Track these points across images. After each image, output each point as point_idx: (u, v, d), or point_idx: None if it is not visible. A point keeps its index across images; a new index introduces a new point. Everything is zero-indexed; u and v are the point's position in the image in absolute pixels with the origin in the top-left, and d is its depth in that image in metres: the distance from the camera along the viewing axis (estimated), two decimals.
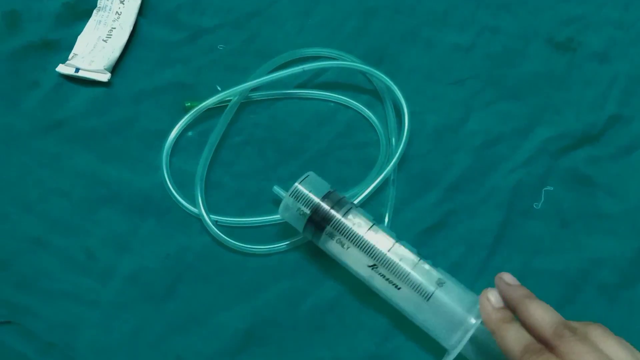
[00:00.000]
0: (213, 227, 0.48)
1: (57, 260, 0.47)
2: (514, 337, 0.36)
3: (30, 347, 0.44)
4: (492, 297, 0.39)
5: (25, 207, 0.50)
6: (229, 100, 0.54)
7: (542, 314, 0.36)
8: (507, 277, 0.39)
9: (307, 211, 0.44)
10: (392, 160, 0.50)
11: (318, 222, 0.44)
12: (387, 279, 0.42)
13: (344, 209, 0.44)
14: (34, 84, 0.56)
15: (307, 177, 0.46)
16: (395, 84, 0.54)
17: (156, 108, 0.55)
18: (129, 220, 0.49)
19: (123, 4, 0.58)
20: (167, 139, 0.52)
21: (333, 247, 0.44)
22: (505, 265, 0.48)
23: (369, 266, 0.43)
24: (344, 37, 0.60)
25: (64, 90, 0.56)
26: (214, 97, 0.54)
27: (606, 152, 0.53)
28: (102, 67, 0.55)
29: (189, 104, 0.54)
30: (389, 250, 0.43)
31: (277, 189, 0.47)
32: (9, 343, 0.44)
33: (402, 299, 0.42)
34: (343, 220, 0.44)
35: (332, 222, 0.44)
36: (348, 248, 0.43)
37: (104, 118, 0.54)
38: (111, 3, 0.58)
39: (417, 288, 0.41)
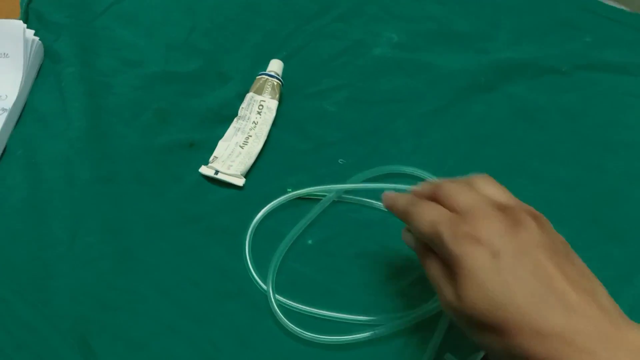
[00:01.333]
0: (277, 309, 0.53)
1: (187, 348, 0.53)
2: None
3: None
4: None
5: (162, 292, 0.56)
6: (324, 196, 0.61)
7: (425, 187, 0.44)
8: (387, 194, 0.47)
9: None
10: None
11: None
12: None
13: None
14: (178, 178, 0.63)
15: None
16: None
17: (281, 211, 0.61)
18: (251, 317, 0.54)
19: (260, 115, 0.66)
20: (253, 220, 0.59)
21: None
22: None
23: None
24: (454, 160, 0.65)
25: (203, 187, 0.63)
26: (310, 189, 0.60)
27: None
28: (238, 172, 0.62)
29: (290, 190, 0.60)
30: None
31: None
32: None
33: None
34: None
35: None
36: None
37: (236, 216, 0.60)
38: (250, 113, 0.66)
39: None
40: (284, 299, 0.54)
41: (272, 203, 0.60)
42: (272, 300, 0.54)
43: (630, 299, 0.55)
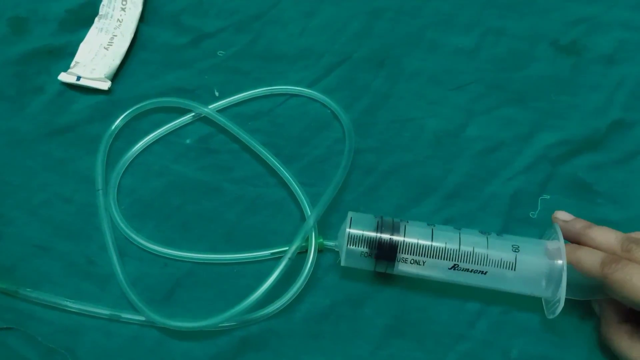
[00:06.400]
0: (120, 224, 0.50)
1: (59, 266, 0.48)
2: (588, 257, 0.40)
3: (33, 352, 0.45)
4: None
5: (29, 211, 0.51)
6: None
7: (605, 236, 0.42)
8: (562, 215, 0.45)
9: (374, 250, 0.44)
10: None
11: (387, 255, 0.44)
12: (472, 271, 0.43)
13: (401, 230, 0.45)
14: (39, 89, 0.57)
15: (351, 218, 0.46)
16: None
17: (158, 113, 0.56)
18: (130, 225, 0.50)
19: (124, 11, 0.59)
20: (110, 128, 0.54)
21: (409, 268, 0.45)
22: None
23: (450, 268, 0.44)
24: (347, 38, 0.60)
25: (67, 96, 0.56)
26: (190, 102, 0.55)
27: (608, 158, 0.52)
28: (102, 76, 0.56)
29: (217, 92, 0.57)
30: (460, 244, 0.44)
31: (328, 243, 0.48)
32: (13, 346, 0.45)
33: (490, 281, 0.43)
34: (409, 240, 0.44)
35: (400, 249, 0.44)
36: (425, 263, 0.44)
37: (106, 123, 0.55)
38: (112, 10, 0.59)
39: (500, 264, 0.43)
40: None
41: (137, 106, 0.54)
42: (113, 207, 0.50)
43: (529, 159, 0.53)
